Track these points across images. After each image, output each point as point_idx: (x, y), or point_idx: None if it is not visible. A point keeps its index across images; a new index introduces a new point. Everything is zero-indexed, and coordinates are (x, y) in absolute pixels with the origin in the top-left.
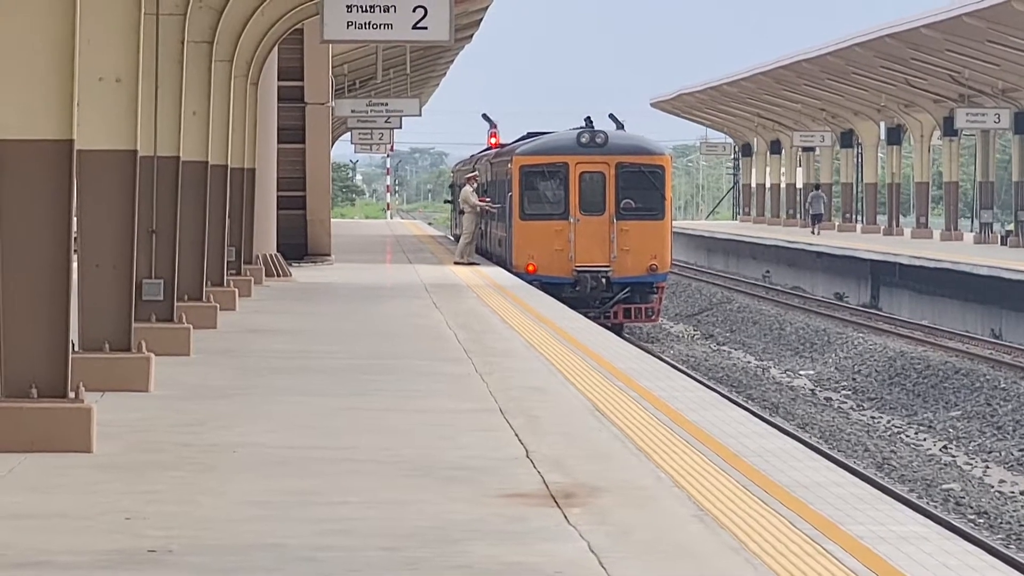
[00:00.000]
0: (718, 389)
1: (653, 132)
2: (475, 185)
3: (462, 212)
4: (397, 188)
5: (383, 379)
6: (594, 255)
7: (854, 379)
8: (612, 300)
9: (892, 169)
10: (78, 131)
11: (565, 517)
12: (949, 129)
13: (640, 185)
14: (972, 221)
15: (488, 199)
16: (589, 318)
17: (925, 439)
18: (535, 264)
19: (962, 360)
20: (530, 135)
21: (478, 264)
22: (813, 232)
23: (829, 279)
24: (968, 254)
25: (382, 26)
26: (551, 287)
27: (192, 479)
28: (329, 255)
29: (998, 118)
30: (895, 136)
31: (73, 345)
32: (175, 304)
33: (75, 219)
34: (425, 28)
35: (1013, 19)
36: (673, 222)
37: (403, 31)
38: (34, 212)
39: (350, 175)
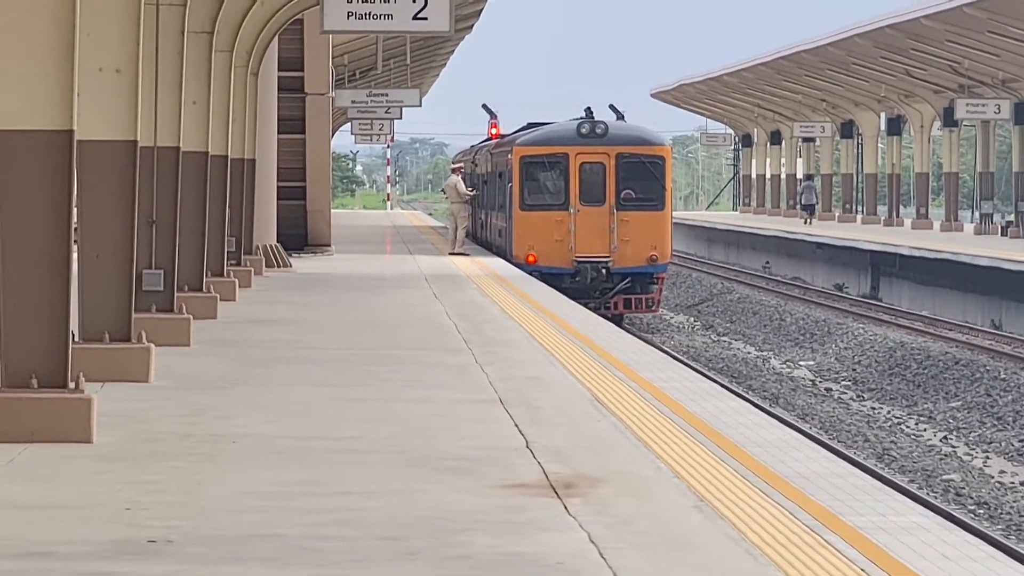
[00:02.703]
0: (718, 380)
1: (653, 123)
2: (460, 175)
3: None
4: (397, 179)
5: (383, 369)
6: (594, 246)
7: (854, 370)
8: (612, 290)
9: (892, 160)
10: (78, 121)
11: (565, 507)
12: (949, 119)
13: (640, 176)
14: (972, 212)
15: (471, 188)
16: (589, 308)
17: (925, 430)
18: (535, 255)
19: (962, 351)
20: (530, 125)
21: (468, 254)
22: (806, 222)
23: (829, 270)
24: (968, 245)
25: (382, 16)
26: (551, 278)
27: (192, 469)
28: (329, 245)
29: (998, 108)
30: (895, 127)
31: (73, 335)
32: (175, 294)
33: (75, 209)
34: (425, 19)
35: (1013, 9)
36: (673, 212)
37: (403, 21)
38: (34, 202)
39: (350, 165)
